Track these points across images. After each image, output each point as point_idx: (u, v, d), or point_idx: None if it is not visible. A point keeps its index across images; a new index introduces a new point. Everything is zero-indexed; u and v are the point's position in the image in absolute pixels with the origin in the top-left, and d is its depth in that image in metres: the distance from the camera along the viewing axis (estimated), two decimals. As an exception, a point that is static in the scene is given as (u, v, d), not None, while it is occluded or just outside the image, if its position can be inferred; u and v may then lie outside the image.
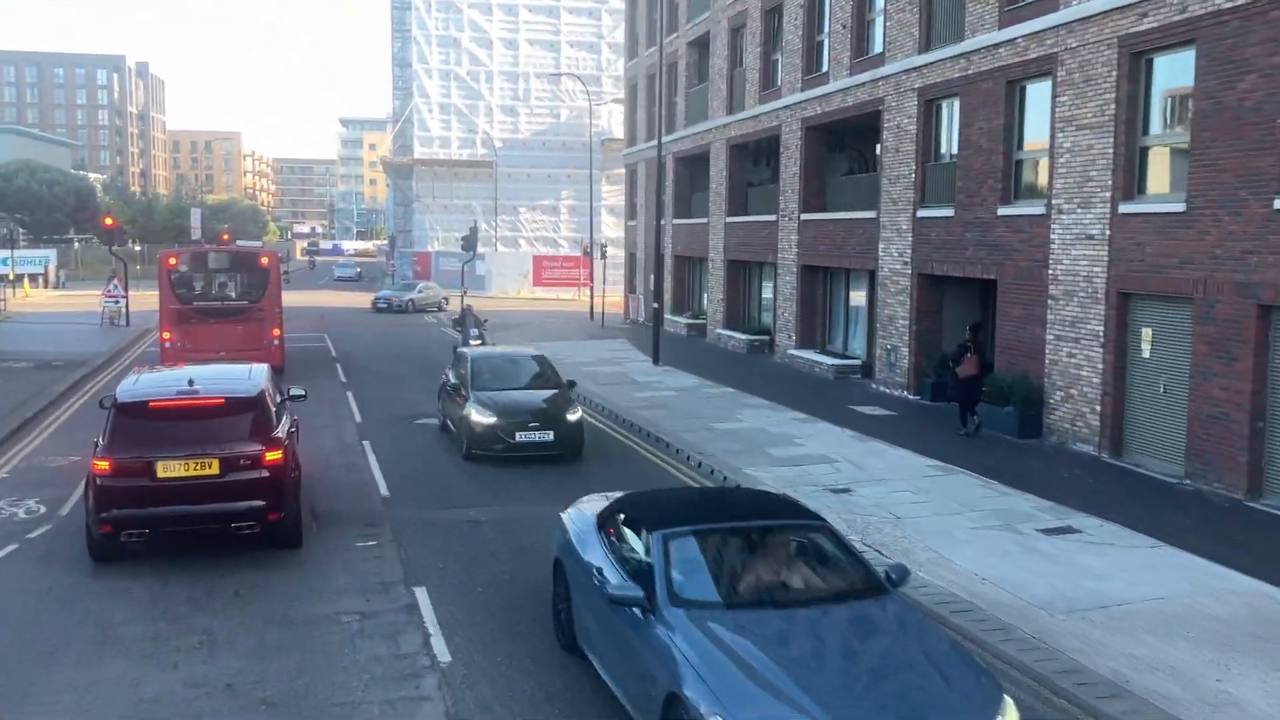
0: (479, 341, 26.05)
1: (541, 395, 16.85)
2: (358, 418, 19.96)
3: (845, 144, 28.97)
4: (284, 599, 10.17)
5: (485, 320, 29.77)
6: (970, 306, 21.94)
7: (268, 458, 10.93)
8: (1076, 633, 9.19)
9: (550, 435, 15.99)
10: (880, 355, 23.32)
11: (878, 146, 28.05)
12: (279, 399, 13.08)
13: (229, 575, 10.80)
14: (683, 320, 36.77)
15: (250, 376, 12.49)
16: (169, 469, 10.55)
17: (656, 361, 27.43)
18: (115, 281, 39.07)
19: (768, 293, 31.72)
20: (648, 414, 19.95)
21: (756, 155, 33.70)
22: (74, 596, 10.20)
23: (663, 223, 39.68)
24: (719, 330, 32.98)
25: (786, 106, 27.80)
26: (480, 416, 15.97)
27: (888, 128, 22.81)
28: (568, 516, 9.43)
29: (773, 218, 29.27)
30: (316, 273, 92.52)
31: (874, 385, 23.44)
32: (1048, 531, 12.33)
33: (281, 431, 11.67)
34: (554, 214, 71.96)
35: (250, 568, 11.05)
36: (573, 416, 16.42)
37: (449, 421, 17.73)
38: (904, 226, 22.18)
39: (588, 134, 71.43)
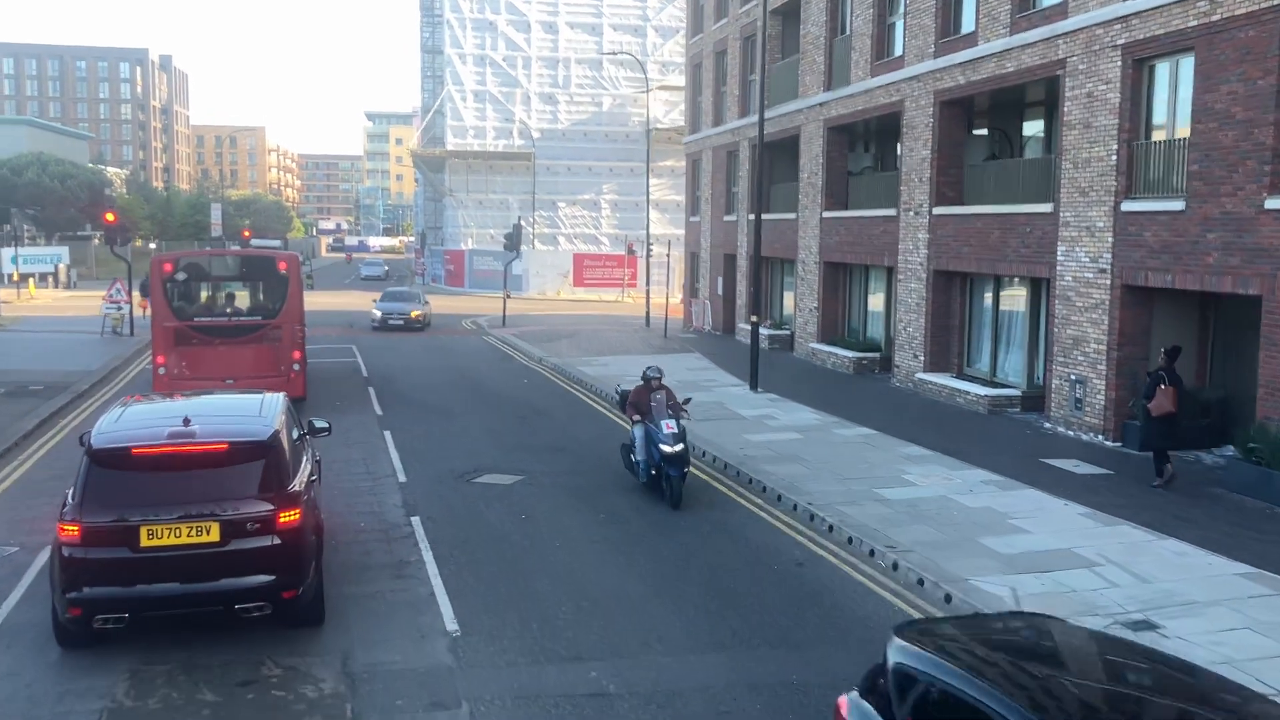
0: (678, 449, 13.57)
1: None
2: (401, 474, 15.23)
3: (975, 122, 24.07)
4: None
5: (688, 401, 15.08)
6: (1183, 327, 16.99)
7: (282, 520, 8.75)
8: None
9: None
10: (1057, 386, 18.38)
11: (1024, 126, 23.23)
12: (297, 434, 10.56)
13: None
14: (763, 331, 31.84)
15: (262, 412, 10.05)
16: (156, 535, 8.49)
17: (755, 386, 22.59)
18: (118, 284, 34.65)
19: (877, 301, 26.84)
20: (779, 471, 15.11)
21: (855, 139, 28.80)
22: None
23: (733, 218, 34.95)
24: (813, 345, 28.08)
25: (913, 78, 22.87)
26: None
27: (1072, 97, 17.86)
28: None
29: (890, 212, 24.36)
30: (344, 271, 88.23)
31: (1048, 425, 18.51)
32: None
33: (300, 483, 9.34)
34: (595, 209, 67.26)
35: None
36: None
37: None
38: (1099, 223, 17.24)
39: (631, 124, 66.78)
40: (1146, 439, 14.50)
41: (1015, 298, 20.96)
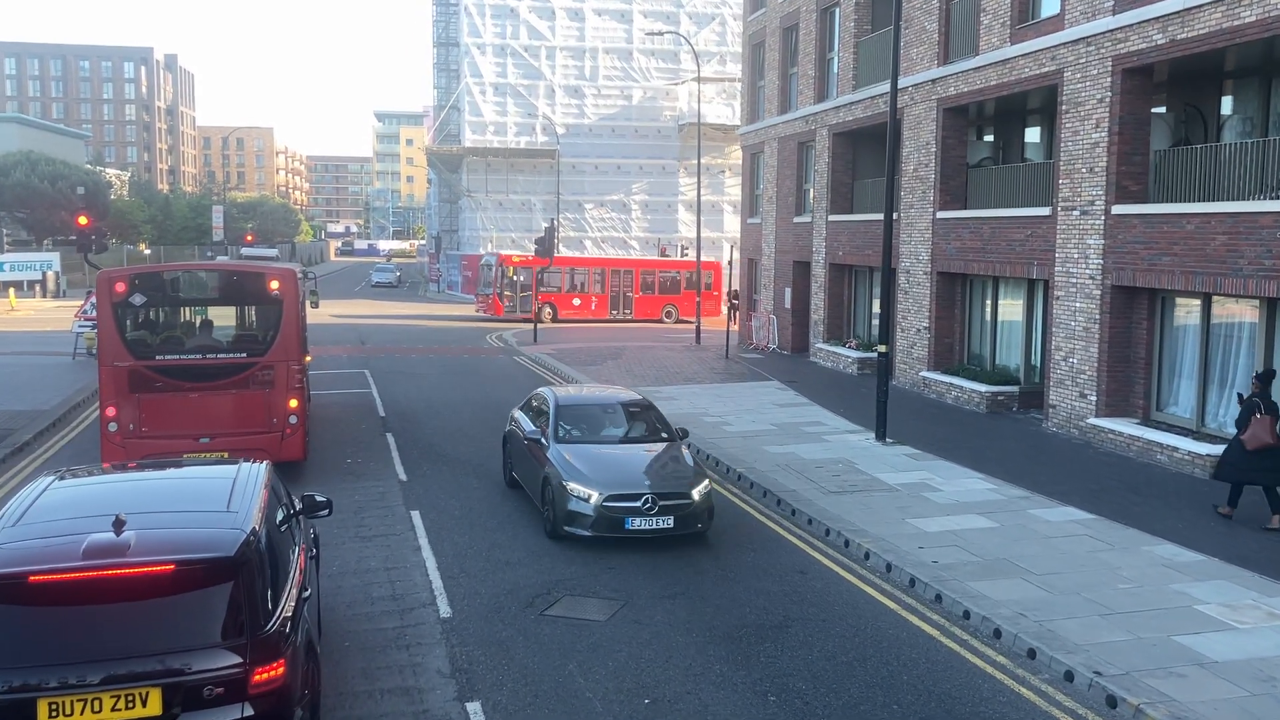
0: None
1: None
2: (442, 600, 10.29)
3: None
4: None
5: None
6: None
7: (258, 679, 5.92)
8: None
9: None
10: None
11: (1221, 101, 18.27)
12: (283, 516, 7.41)
13: None
14: (848, 353, 26.97)
15: (232, 501, 6.84)
16: (64, 711, 5.67)
17: (883, 436, 17.65)
18: (93, 298, 29.84)
19: (1012, 321, 21.90)
20: (1001, 595, 10.19)
21: (968, 124, 23.80)
22: None
23: (806, 219, 30.10)
24: (924, 373, 23.13)
25: (1079, 41, 17.96)
26: None
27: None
28: None
29: (1039, 211, 19.45)
30: (355, 277, 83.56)
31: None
32: None
33: (286, 609, 6.36)
34: (624, 211, 62.44)
35: None
36: None
37: None
38: None
39: (663, 118, 61.93)
40: (1233, 471, 12.66)
41: (1240, 322, 15.99)
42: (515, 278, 45.39)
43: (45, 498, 7.04)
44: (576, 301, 46.40)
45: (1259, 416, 12.43)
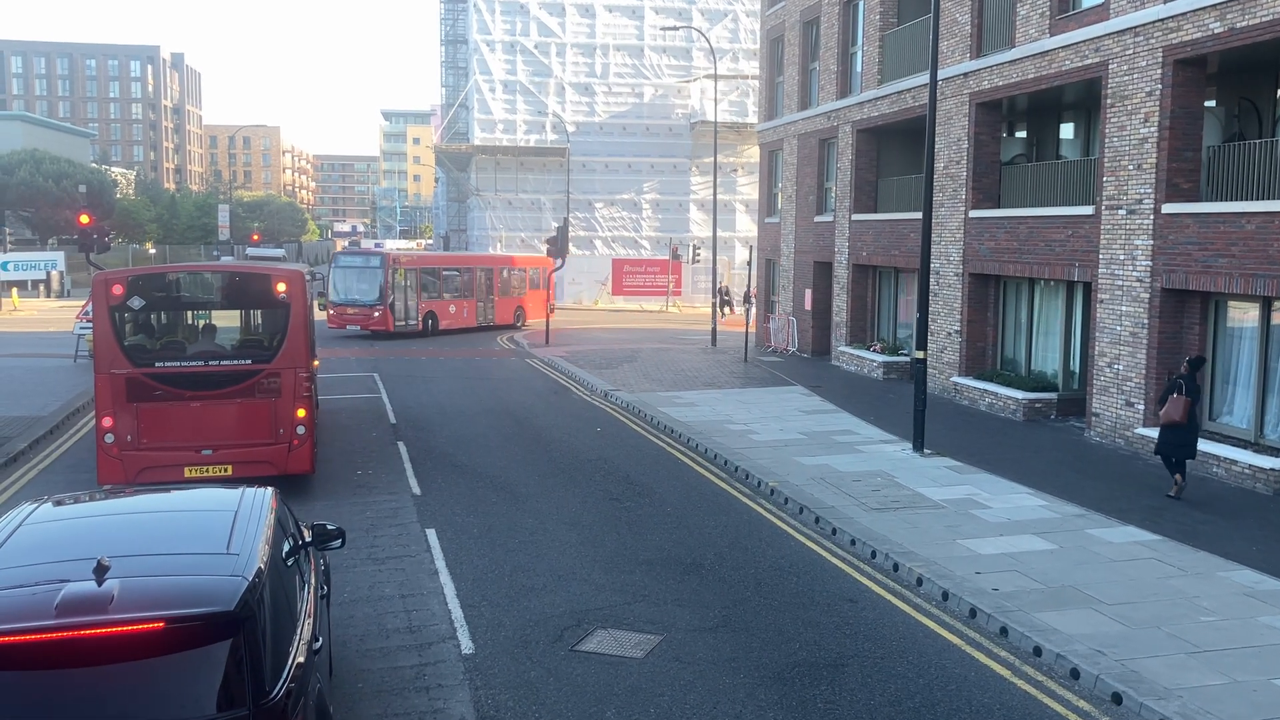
0: None
1: None
2: (463, 634, 9.44)
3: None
4: None
5: None
6: None
7: None
8: None
9: None
10: None
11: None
12: (289, 548, 6.53)
13: None
14: (873, 357, 26.07)
15: (232, 541, 5.90)
16: None
17: (920, 446, 16.76)
18: (96, 300, 29.06)
19: (1050, 326, 21.00)
20: (1071, 628, 9.32)
21: (1000, 120, 22.88)
22: None
23: (827, 218, 29.24)
24: (956, 379, 22.24)
25: (1126, 31, 17.06)
26: None
27: None
28: None
29: (1081, 210, 18.57)
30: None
31: (1395, 520, 12.66)
32: None
33: (291, 667, 5.49)
34: (635, 210, 61.53)
35: None
36: None
37: None
38: None
39: (674, 116, 61.07)
40: (1158, 445, 14.07)
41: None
42: (404, 282, 36.98)
43: (20, 534, 6.12)
44: (453, 309, 39.68)
45: (1176, 397, 13.56)
